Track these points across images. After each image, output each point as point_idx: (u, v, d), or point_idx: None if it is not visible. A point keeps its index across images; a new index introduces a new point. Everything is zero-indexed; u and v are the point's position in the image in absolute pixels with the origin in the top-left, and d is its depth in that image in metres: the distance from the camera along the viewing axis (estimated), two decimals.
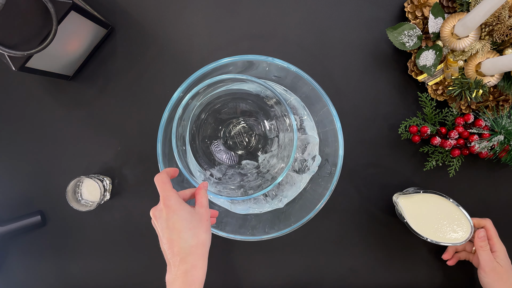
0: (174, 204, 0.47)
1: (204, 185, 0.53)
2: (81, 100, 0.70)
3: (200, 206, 0.50)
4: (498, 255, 0.63)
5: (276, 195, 0.66)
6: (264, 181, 0.62)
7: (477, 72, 0.63)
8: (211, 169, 0.65)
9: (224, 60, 0.58)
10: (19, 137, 0.71)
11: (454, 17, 0.62)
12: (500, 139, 0.64)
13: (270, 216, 0.66)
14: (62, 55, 0.63)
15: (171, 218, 0.47)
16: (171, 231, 0.46)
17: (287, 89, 0.66)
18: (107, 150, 0.71)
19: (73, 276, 0.72)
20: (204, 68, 0.59)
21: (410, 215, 0.64)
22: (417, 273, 0.72)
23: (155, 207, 0.49)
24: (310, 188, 0.66)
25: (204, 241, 0.48)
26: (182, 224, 0.46)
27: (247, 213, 0.66)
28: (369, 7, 0.69)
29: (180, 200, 0.48)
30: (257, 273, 0.72)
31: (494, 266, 0.62)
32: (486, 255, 0.62)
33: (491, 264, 0.62)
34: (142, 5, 0.69)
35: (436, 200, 0.63)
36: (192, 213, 0.48)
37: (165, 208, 0.47)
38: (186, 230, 0.46)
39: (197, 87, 0.56)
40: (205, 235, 0.48)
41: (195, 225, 0.47)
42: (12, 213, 0.71)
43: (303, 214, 0.61)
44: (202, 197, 0.51)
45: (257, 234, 0.63)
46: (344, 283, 0.72)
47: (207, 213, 0.50)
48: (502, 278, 0.62)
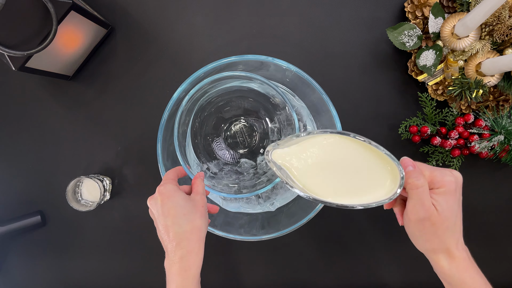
0: (168, 190, 0.47)
1: (200, 175, 0.53)
2: (81, 100, 0.70)
3: (196, 193, 0.50)
4: (437, 196, 0.41)
5: (269, 198, 0.66)
6: (259, 182, 0.62)
7: (477, 72, 0.63)
8: (209, 162, 0.65)
9: (224, 60, 0.58)
10: (18, 137, 0.71)
11: (454, 17, 0.62)
12: (500, 139, 0.64)
13: (270, 216, 0.66)
14: (62, 55, 0.62)
15: (166, 204, 0.47)
16: (166, 217, 0.46)
17: (295, 94, 0.66)
18: (107, 150, 0.71)
19: (73, 276, 0.72)
20: (204, 68, 0.59)
21: (301, 175, 0.43)
22: (417, 273, 0.72)
23: (151, 196, 0.49)
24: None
25: (200, 226, 0.47)
26: (177, 210, 0.46)
27: (238, 211, 0.66)
28: (369, 7, 0.69)
29: (175, 187, 0.48)
30: (256, 273, 0.72)
31: (425, 213, 0.41)
32: (418, 196, 0.41)
33: (422, 210, 0.41)
34: (142, 5, 0.69)
35: (338, 144, 0.43)
36: (186, 199, 0.48)
37: (160, 195, 0.47)
38: (180, 215, 0.46)
39: (205, 80, 0.56)
40: (200, 220, 0.48)
41: (189, 211, 0.47)
42: (12, 213, 0.71)
43: (303, 214, 0.61)
44: (198, 185, 0.51)
45: (257, 234, 0.63)
46: (344, 283, 0.72)
47: (202, 200, 0.50)
48: (436, 232, 0.42)
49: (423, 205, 0.41)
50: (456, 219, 0.42)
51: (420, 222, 0.42)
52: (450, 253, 0.42)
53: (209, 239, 0.70)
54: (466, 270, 0.43)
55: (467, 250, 0.43)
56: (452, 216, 0.41)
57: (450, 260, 0.43)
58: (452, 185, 0.41)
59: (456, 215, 0.42)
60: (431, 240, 0.43)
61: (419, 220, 0.42)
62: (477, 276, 0.43)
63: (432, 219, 0.41)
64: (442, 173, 0.42)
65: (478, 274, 0.43)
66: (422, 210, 0.41)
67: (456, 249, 0.42)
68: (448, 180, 0.41)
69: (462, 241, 0.43)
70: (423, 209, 0.41)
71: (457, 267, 0.42)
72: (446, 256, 0.43)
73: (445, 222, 0.41)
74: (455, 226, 0.42)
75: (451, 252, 0.42)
